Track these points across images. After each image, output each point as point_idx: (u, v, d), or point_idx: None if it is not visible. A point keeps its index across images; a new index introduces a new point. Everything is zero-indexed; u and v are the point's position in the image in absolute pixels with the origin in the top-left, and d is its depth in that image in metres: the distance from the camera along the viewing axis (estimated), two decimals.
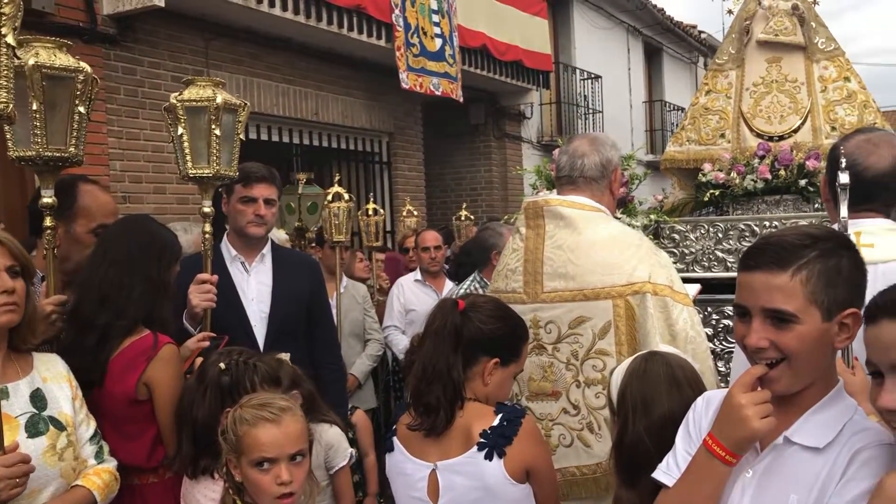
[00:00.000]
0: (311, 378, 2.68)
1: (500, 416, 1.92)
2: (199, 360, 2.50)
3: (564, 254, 2.50)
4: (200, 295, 2.73)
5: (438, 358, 1.92)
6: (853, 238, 2.10)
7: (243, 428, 1.92)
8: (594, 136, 2.71)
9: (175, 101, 2.62)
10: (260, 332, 3.17)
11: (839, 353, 1.62)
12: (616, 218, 2.77)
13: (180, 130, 2.62)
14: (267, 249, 3.31)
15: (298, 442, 1.94)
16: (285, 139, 7.90)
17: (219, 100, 2.61)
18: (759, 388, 1.42)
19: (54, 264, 2.44)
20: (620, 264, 2.44)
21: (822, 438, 1.39)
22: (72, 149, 2.34)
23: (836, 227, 2.17)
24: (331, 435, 2.54)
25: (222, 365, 2.24)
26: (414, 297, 5.20)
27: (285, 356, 2.63)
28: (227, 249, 3.26)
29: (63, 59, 2.26)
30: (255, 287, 3.23)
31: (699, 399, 1.61)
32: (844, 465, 1.35)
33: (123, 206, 5.80)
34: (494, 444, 1.88)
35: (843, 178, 1.81)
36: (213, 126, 2.61)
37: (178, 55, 6.58)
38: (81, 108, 2.33)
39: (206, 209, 2.75)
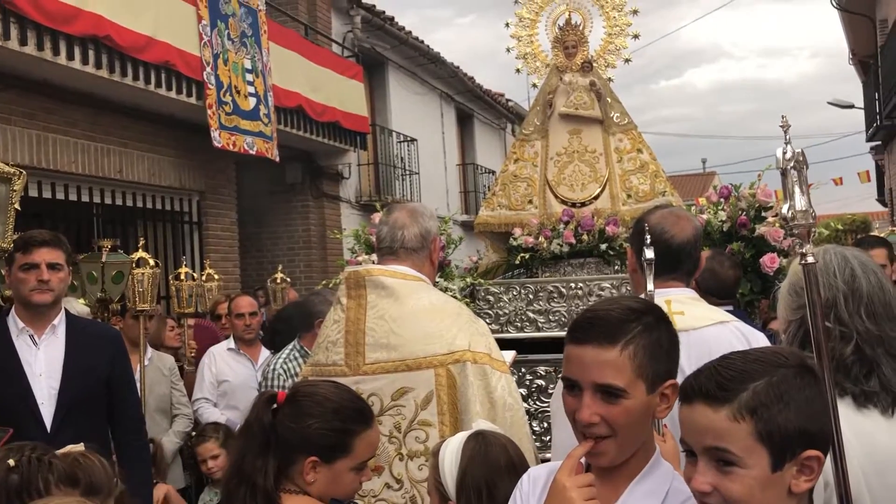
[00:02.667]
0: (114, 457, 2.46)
1: None
2: None
3: (387, 324, 2.49)
4: None
5: (244, 459, 1.81)
6: (664, 306, 2.27)
7: None
8: (413, 207, 2.75)
9: None
10: (48, 410, 2.97)
11: None
12: (434, 282, 2.81)
13: None
14: (59, 320, 3.10)
15: None
16: (84, 198, 7.38)
17: None
18: (583, 470, 1.46)
19: None
20: (441, 333, 2.46)
21: None
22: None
23: (642, 297, 2.33)
24: None
25: (11, 462, 1.98)
26: (227, 367, 4.96)
27: (79, 448, 2.38)
28: (14, 322, 3.05)
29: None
30: (44, 361, 3.03)
31: (524, 477, 1.63)
32: None
33: None
34: None
35: (649, 253, 1.91)
36: None
37: None
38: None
39: None
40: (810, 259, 1.42)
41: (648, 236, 1.98)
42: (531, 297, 4.96)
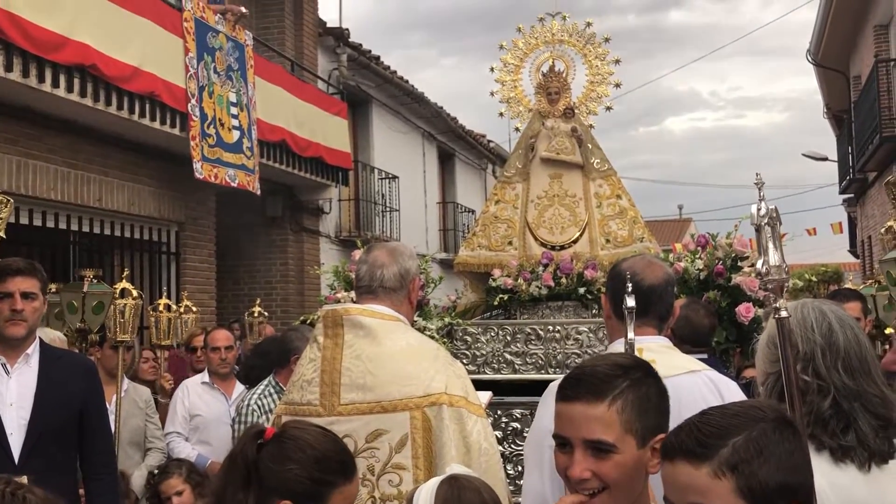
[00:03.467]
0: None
1: None
2: None
3: (363, 364, 2.47)
4: None
5: (226, 491, 1.78)
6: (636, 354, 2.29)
7: None
8: (393, 246, 2.75)
9: None
10: (16, 440, 2.92)
11: None
12: (412, 322, 2.81)
13: None
14: (33, 349, 3.07)
15: None
16: (62, 226, 7.32)
17: None
18: None
19: None
20: (418, 375, 2.45)
21: None
22: None
23: (619, 343, 2.35)
24: None
25: None
26: (200, 402, 4.90)
27: (23, 479, 2.34)
28: None
29: None
30: (15, 391, 2.98)
31: None
32: None
33: None
34: None
35: (630, 301, 1.92)
36: None
37: None
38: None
39: None
40: (784, 313, 1.45)
41: (630, 285, 1.99)
42: (509, 338, 4.97)
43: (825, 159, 19.14)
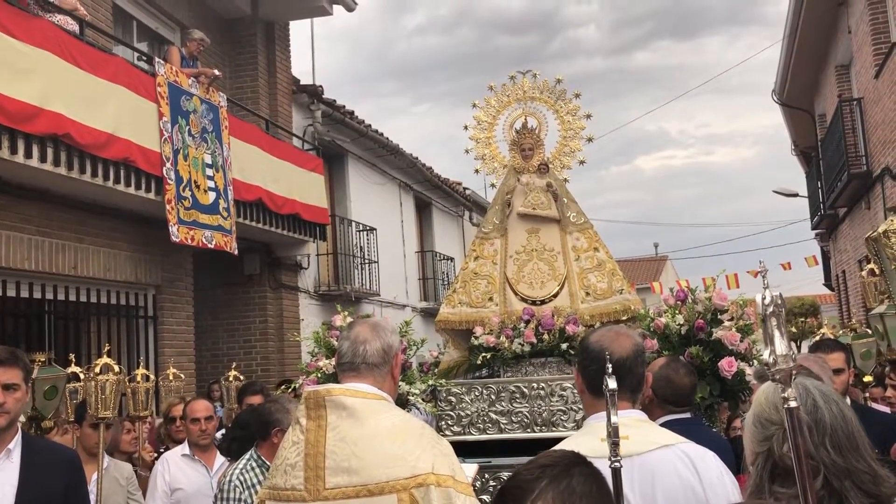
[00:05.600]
0: None
1: None
2: None
3: (348, 447, 2.43)
4: None
5: None
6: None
7: None
8: (375, 322, 2.73)
9: None
10: None
11: None
12: (396, 397, 2.78)
13: None
14: (15, 443, 2.96)
15: None
16: (37, 295, 7.21)
17: None
18: None
19: None
20: (404, 456, 2.41)
21: None
22: None
23: (594, 418, 2.33)
24: None
25: None
26: (181, 475, 4.78)
27: None
28: None
29: None
30: None
31: None
32: None
33: None
34: None
35: (611, 383, 1.89)
36: None
37: None
38: None
39: None
40: (793, 403, 1.43)
41: (609, 365, 1.97)
42: (493, 397, 4.93)
43: (795, 195, 19.45)
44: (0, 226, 6.65)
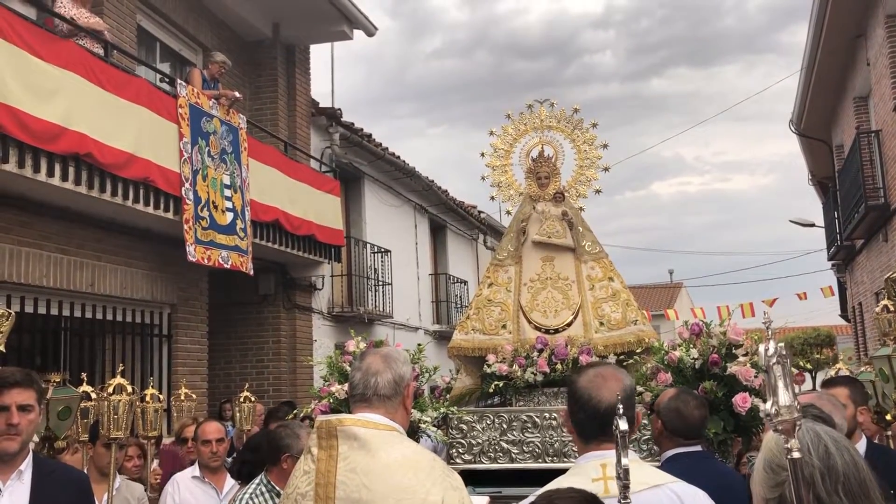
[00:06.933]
0: None
1: None
2: None
3: (358, 478, 2.43)
4: None
5: None
6: (599, 471, 2.26)
7: None
8: (387, 352, 2.74)
9: None
10: None
11: None
12: (408, 427, 2.77)
13: None
14: (26, 465, 2.96)
15: None
16: (54, 311, 7.28)
17: None
18: None
19: None
20: (414, 488, 2.41)
21: None
22: None
23: (587, 457, 2.33)
24: None
25: None
26: (191, 497, 4.79)
27: None
28: None
29: None
30: None
31: None
32: None
33: None
34: None
35: (622, 425, 1.86)
36: None
37: None
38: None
39: None
40: (796, 455, 1.42)
41: (620, 406, 1.96)
42: (505, 426, 4.92)
43: (812, 225, 19.34)
44: (20, 242, 6.73)
